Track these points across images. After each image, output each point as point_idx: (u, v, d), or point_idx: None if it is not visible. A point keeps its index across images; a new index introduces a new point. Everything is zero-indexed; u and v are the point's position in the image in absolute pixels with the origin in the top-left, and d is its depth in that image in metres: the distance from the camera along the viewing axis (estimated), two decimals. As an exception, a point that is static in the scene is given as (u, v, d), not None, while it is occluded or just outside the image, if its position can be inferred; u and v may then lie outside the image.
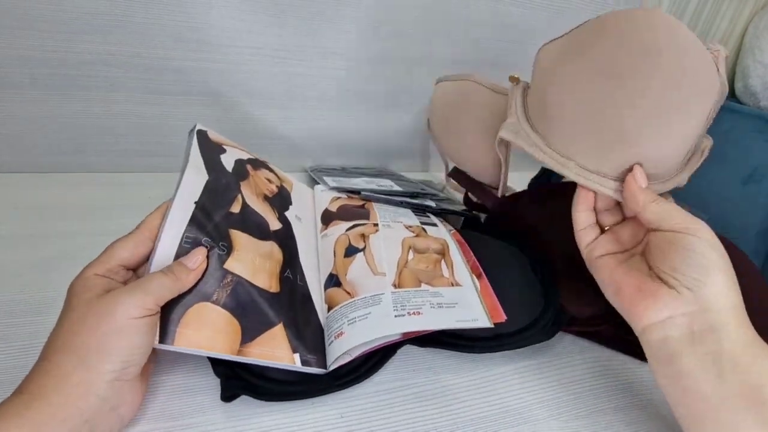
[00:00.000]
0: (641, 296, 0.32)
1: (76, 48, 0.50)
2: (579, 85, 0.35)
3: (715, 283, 0.30)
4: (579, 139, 0.35)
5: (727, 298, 0.30)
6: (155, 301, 0.28)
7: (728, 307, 0.30)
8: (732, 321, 0.29)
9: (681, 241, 0.31)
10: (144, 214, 0.33)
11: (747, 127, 0.71)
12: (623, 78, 0.33)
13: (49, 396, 0.25)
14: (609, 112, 0.34)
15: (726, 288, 0.30)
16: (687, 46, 0.34)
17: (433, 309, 0.36)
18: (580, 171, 0.36)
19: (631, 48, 0.34)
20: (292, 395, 0.33)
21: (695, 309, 0.30)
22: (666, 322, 0.31)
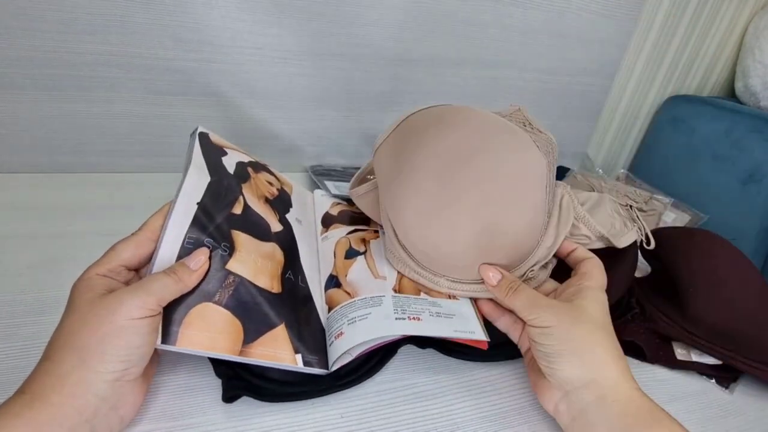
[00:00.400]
0: (536, 389, 0.34)
1: (76, 48, 0.50)
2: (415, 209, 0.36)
3: (560, 367, 0.31)
4: (436, 259, 0.37)
5: (577, 378, 0.30)
6: (157, 302, 0.28)
7: (581, 386, 0.30)
8: (590, 401, 0.30)
9: (528, 332, 0.33)
10: (144, 214, 0.33)
11: (747, 127, 0.71)
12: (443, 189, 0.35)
13: (48, 396, 0.25)
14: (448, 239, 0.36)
15: (572, 368, 0.31)
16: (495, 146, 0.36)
17: (432, 317, 0.36)
18: (451, 285, 0.38)
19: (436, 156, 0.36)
20: (294, 396, 0.33)
21: (563, 393, 0.31)
22: (556, 412, 0.32)
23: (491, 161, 0.35)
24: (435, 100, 0.68)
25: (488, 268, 0.36)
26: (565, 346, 0.31)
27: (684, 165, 0.79)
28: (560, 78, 0.74)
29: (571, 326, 0.31)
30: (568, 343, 0.31)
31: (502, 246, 0.36)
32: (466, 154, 0.35)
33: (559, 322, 0.31)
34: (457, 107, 0.39)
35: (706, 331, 0.41)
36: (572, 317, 0.32)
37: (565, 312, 0.32)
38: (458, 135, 0.36)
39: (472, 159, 0.35)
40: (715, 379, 0.42)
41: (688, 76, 0.86)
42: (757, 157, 0.68)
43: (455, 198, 0.35)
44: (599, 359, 0.31)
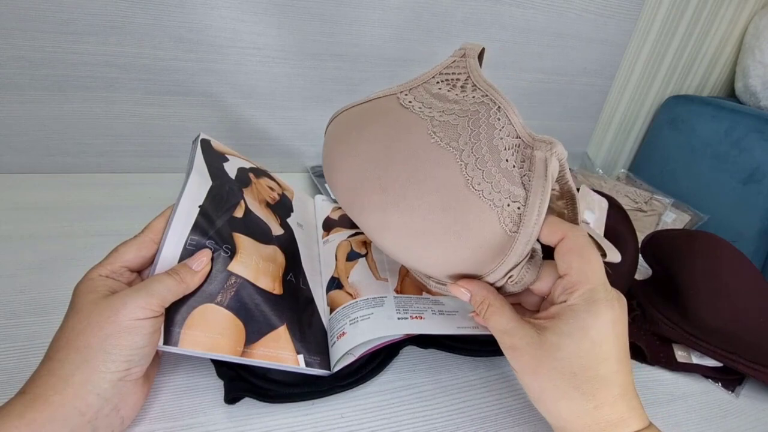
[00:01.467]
0: None
1: (76, 48, 0.50)
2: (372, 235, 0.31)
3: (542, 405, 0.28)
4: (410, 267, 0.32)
5: (551, 423, 0.28)
6: (160, 303, 0.28)
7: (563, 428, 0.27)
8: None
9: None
10: (144, 214, 0.33)
11: (747, 127, 0.71)
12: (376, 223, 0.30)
13: (50, 396, 0.25)
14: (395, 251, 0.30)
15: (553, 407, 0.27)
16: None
17: (434, 315, 0.36)
18: (437, 286, 0.33)
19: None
20: (296, 397, 0.33)
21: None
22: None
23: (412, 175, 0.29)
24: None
25: (455, 287, 0.30)
26: (530, 392, 0.28)
27: (684, 165, 0.79)
28: (560, 78, 0.74)
29: (532, 376, 0.27)
30: (530, 392, 0.28)
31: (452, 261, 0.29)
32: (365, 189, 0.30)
33: (521, 369, 0.28)
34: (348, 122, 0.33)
35: (707, 333, 0.41)
36: (535, 363, 0.27)
37: (530, 354, 0.27)
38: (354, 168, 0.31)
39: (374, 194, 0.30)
40: (720, 383, 0.42)
41: (688, 76, 0.86)
42: (757, 157, 0.68)
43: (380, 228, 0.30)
44: (566, 410, 0.26)
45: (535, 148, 0.27)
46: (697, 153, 0.77)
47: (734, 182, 0.71)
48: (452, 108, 0.30)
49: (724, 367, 0.42)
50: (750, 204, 0.69)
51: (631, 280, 0.47)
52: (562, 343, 0.26)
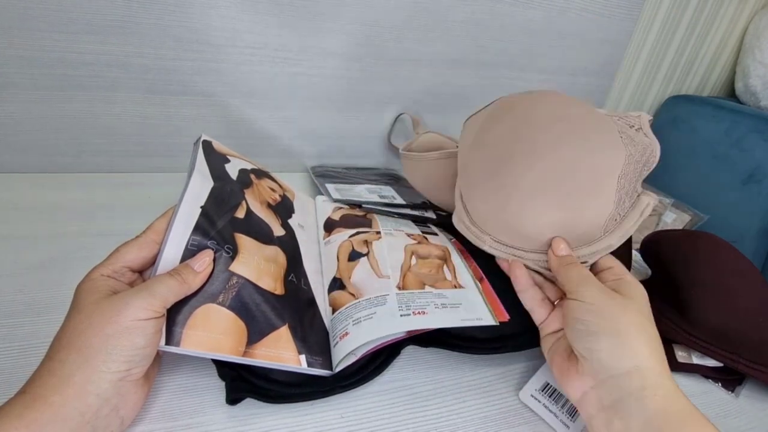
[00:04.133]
0: (561, 375, 0.32)
1: (76, 48, 0.50)
2: (483, 174, 0.38)
3: (603, 348, 0.29)
4: (490, 219, 0.38)
5: (620, 363, 0.28)
6: (162, 303, 0.28)
7: (624, 373, 0.28)
8: (633, 390, 0.28)
9: (568, 308, 0.32)
10: (144, 214, 0.33)
11: (747, 127, 0.71)
12: (512, 161, 0.36)
13: (50, 396, 0.25)
14: (502, 195, 0.36)
15: (616, 351, 0.29)
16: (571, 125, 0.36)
17: (437, 309, 0.36)
18: (493, 245, 0.38)
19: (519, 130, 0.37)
20: (298, 397, 0.33)
21: (598, 381, 0.29)
22: (584, 400, 0.30)
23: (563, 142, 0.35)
24: (435, 100, 0.68)
25: (562, 240, 0.35)
26: (610, 326, 0.29)
27: (684, 165, 0.79)
28: (560, 78, 0.74)
29: (617, 308, 0.30)
30: (612, 324, 0.29)
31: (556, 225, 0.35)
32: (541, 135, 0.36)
33: (605, 302, 0.30)
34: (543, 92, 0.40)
35: (707, 333, 0.41)
36: (619, 301, 0.31)
37: (614, 295, 0.31)
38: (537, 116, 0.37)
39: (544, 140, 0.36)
40: (720, 383, 0.42)
41: (688, 76, 0.86)
42: (757, 157, 0.68)
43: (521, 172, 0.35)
44: (644, 347, 0.29)
45: (642, 194, 0.35)
46: (697, 153, 0.77)
47: (734, 182, 0.71)
48: (631, 135, 0.37)
49: (724, 367, 0.42)
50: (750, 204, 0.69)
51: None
52: (635, 297, 0.32)
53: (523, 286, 0.37)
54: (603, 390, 0.29)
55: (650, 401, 0.27)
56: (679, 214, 0.68)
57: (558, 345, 0.34)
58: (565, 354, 0.33)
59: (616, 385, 0.28)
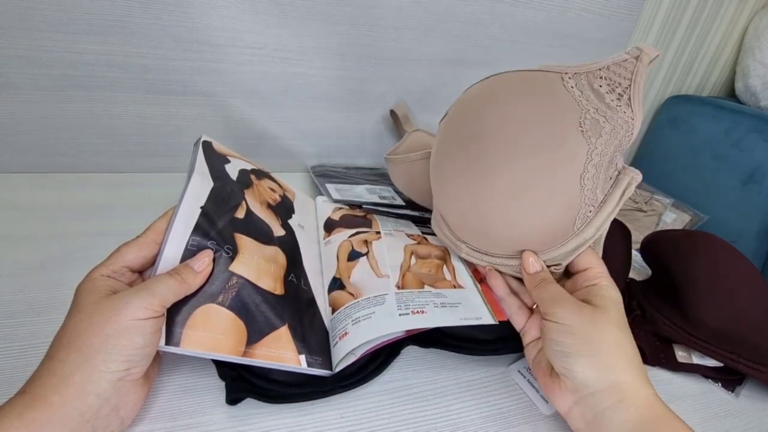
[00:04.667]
0: (547, 390, 0.33)
1: (76, 48, 0.50)
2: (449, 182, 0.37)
3: (579, 368, 0.30)
4: (462, 227, 0.38)
5: (597, 380, 0.29)
6: (161, 303, 0.28)
7: (601, 390, 0.29)
8: (609, 405, 0.29)
9: (544, 329, 0.32)
10: (144, 214, 0.33)
11: (747, 127, 0.71)
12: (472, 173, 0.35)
13: (50, 396, 0.25)
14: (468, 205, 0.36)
15: (592, 369, 0.30)
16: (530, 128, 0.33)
17: (436, 308, 0.36)
18: (470, 252, 0.38)
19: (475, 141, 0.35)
20: (298, 397, 0.33)
21: (578, 397, 0.30)
22: (570, 415, 0.31)
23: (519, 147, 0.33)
24: (435, 100, 0.68)
25: (530, 255, 0.35)
26: (585, 347, 0.30)
27: (684, 165, 0.79)
28: (560, 78, 0.73)
29: (591, 326, 0.30)
30: (588, 344, 0.30)
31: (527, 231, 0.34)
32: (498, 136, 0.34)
33: (579, 321, 0.30)
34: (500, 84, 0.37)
35: (707, 333, 0.41)
36: (593, 318, 0.31)
37: (587, 312, 0.31)
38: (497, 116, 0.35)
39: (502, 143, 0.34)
40: (720, 383, 0.42)
41: (688, 76, 0.86)
42: (757, 157, 0.68)
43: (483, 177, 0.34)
44: (619, 362, 0.30)
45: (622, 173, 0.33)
46: (697, 153, 0.77)
47: (734, 182, 0.71)
48: (605, 111, 0.33)
49: (724, 367, 0.42)
50: (750, 204, 0.69)
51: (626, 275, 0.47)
52: (609, 308, 0.31)
53: (501, 294, 0.38)
54: (584, 406, 0.30)
55: (626, 413, 0.28)
56: (679, 214, 0.68)
57: (540, 358, 0.34)
58: (548, 369, 0.33)
59: (594, 401, 0.29)
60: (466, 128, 0.37)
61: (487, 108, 0.36)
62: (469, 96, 0.39)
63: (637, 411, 0.28)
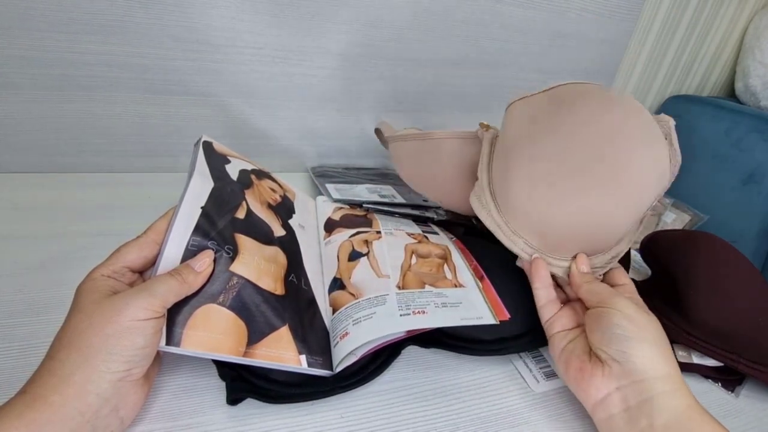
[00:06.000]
0: (582, 376, 0.33)
1: (76, 48, 0.50)
2: (534, 173, 0.37)
3: (639, 353, 0.31)
4: (529, 230, 0.38)
5: (655, 368, 0.31)
6: (161, 303, 0.28)
7: (658, 377, 0.31)
8: (664, 391, 0.30)
9: (602, 315, 0.33)
10: (144, 214, 0.33)
11: (747, 127, 0.71)
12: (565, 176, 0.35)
13: (50, 396, 0.25)
14: (547, 203, 0.36)
15: (652, 357, 0.31)
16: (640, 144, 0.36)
17: (437, 308, 0.36)
18: (525, 248, 0.38)
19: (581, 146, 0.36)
20: (298, 397, 0.33)
21: (626, 382, 0.31)
22: (606, 401, 0.32)
23: (630, 161, 0.35)
24: (435, 100, 0.68)
25: (584, 257, 0.37)
26: (644, 333, 0.32)
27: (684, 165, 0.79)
28: (560, 78, 0.73)
29: (646, 320, 0.33)
30: (647, 332, 0.32)
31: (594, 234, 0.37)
32: (598, 142, 0.35)
33: (639, 312, 0.33)
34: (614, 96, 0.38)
35: (707, 333, 0.41)
36: (647, 315, 0.33)
37: (641, 309, 0.34)
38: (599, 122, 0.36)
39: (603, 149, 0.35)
40: (720, 383, 0.42)
41: (688, 76, 0.86)
42: (757, 157, 0.68)
43: (575, 178, 0.35)
44: (670, 358, 0.32)
45: None
46: (697, 153, 0.77)
47: (734, 182, 0.71)
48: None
49: (724, 367, 0.42)
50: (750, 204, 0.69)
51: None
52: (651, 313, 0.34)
53: (542, 283, 0.38)
54: (630, 390, 0.31)
55: (679, 401, 0.30)
56: (679, 214, 0.68)
57: (573, 347, 0.35)
58: (585, 357, 0.34)
59: (646, 386, 0.30)
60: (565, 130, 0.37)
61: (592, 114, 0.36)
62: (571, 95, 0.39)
63: (687, 401, 0.30)
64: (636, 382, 0.31)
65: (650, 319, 0.33)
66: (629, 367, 0.31)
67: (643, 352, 0.31)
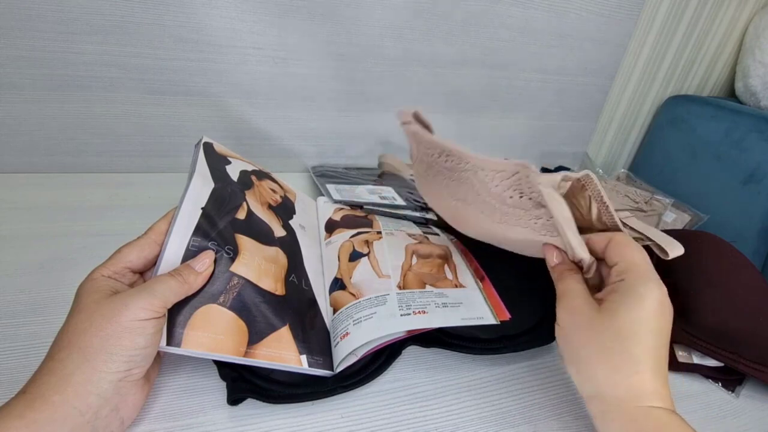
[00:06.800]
0: None
1: (76, 48, 0.50)
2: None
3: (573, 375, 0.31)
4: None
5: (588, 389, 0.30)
6: (162, 304, 0.28)
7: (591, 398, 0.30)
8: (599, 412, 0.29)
9: None
10: (144, 214, 0.33)
11: (747, 127, 0.71)
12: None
13: (50, 396, 0.25)
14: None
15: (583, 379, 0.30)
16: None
17: (438, 308, 0.36)
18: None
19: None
20: (299, 397, 0.33)
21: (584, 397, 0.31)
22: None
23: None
24: (435, 100, 0.68)
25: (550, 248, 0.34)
26: (577, 353, 0.30)
27: (684, 165, 0.79)
28: (560, 78, 0.73)
29: (582, 333, 0.29)
30: (573, 353, 0.30)
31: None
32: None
33: (572, 326, 0.30)
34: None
35: (708, 333, 0.41)
36: (589, 325, 0.29)
37: (583, 318, 0.30)
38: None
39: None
40: (720, 383, 0.42)
41: (688, 76, 0.86)
42: (757, 157, 0.68)
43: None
44: (603, 374, 0.28)
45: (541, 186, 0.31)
46: (697, 153, 0.77)
47: (734, 182, 0.71)
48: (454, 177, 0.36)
49: (724, 367, 0.42)
50: (750, 204, 0.69)
51: None
52: (618, 310, 0.28)
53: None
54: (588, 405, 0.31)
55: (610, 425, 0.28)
56: (679, 214, 0.68)
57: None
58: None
59: (589, 407, 0.30)
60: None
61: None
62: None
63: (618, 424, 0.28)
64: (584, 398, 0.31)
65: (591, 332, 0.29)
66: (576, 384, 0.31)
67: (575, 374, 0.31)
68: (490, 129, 0.75)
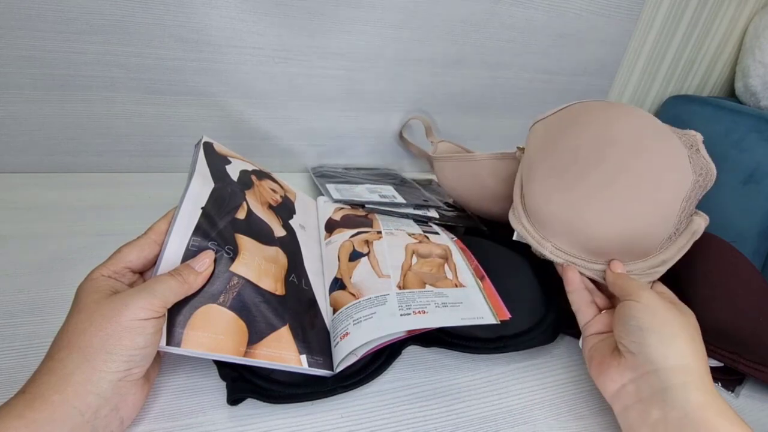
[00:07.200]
0: (600, 368, 0.34)
1: (76, 48, 0.50)
2: (552, 180, 0.38)
3: (654, 344, 0.31)
4: (554, 226, 0.39)
5: (670, 358, 0.31)
6: (162, 304, 0.28)
7: (672, 368, 0.30)
8: (679, 383, 0.30)
9: (623, 307, 0.34)
10: (144, 214, 0.33)
11: (747, 127, 0.71)
12: (585, 174, 0.37)
13: (50, 396, 0.25)
14: (569, 205, 0.37)
15: (669, 348, 0.31)
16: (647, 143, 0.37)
17: (438, 308, 0.36)
18: (554, 251, 0.39)
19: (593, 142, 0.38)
20: (299, 397, 0.33)
21: (639, 374, 0.31)
22: (621, 392, 0.32)
23: (637, 159, 0.36)
24: (435, 100, 0.68)
25: (619, 263, 0.38)
26: (661, 325, 0.31)
27: (684, 165, 0.79)
28: (560, 78, 0.74)
29: (670, 313, 0.32)
30: (664, 324, 0.32)
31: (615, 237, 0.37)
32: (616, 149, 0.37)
33: (662, 305, 0.33)
34: (621, 105, 0.41)
35: (707, 333, 0.41)
36: (674, 310, 0.33)
37: (669, 305, 0.33)
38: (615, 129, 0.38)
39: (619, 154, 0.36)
40: (720, 383, 0.42)
41: (688, 76, 0.86)
42: (757, 157, 0.68)
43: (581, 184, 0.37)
44: (689, 350, 0.31)
45: (696, 215, 0.38)
46: (697, 153, 0.77)
47: (734, 182, 0.71)
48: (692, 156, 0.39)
49: (724, 367, 0.42)
50: (750, 204, 0.69)
51: None
52: (689, 315, 0.34)
53: (575, 287, 0.39)
54: (643, 382, 0.31)
55: (692, 395, 0.29)
56: (679, 214, 0.68)
57: (602, 344, 0.36)
58: (607, 351, 0.34)
59: (658, 378, 0.30)
60: (579, 133, 0.39)
61: (608, 117, 0.38)
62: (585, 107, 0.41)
63: (703, 396, 0.29)
64: (649, 372, 0.31)
65: (677, 315, 0.32)
66: (642, 358, 0.31)
67: (655, 342, 0.31)
68: (491, 129, 0.75)
